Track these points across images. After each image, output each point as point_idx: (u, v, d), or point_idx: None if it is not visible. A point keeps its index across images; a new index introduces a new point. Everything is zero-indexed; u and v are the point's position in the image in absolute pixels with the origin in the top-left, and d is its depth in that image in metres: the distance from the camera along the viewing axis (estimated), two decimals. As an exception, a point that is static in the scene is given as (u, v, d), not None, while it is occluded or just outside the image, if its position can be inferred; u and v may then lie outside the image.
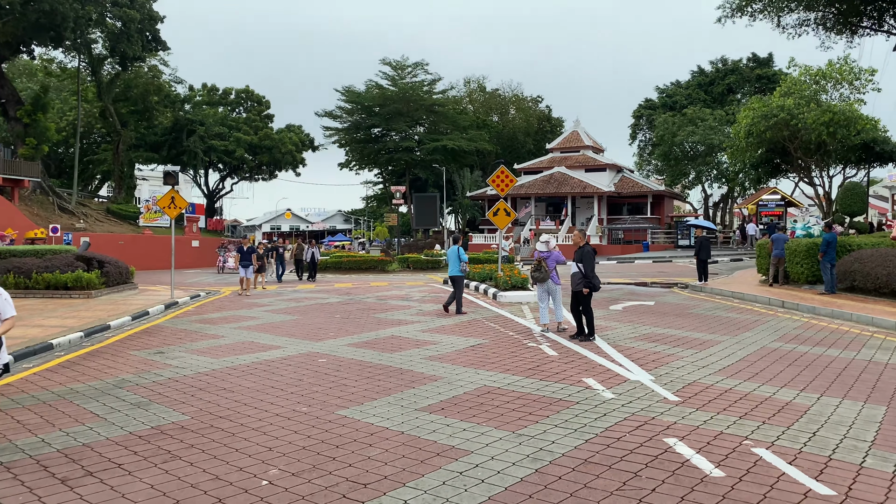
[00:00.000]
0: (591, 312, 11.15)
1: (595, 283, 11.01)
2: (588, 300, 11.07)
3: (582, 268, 10.98)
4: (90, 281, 19.24)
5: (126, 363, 9.69)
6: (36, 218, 40.05)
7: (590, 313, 11.10)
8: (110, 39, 46.01)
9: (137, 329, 13.56)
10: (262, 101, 65.81)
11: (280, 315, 15.54)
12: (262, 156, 61.38)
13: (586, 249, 11.12)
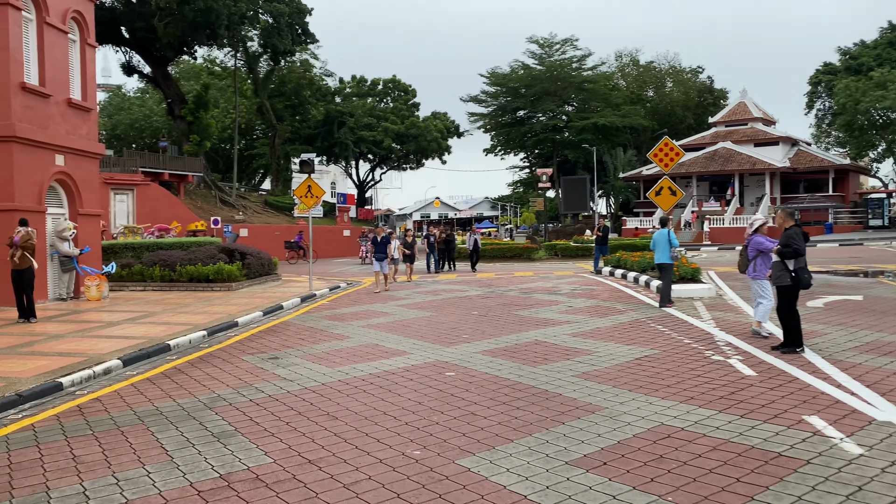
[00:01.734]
0: (797, 315, 8.58)
1: (803, 276, 8.44)
2: (791, 298, 8.53)
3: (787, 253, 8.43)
4: (231, 273, 18.93)
5: (232, 372, 8.52)
6: (199, 211, 41.96)
7: (794, 315, 8.55)
8: (262, 35, 47.38)
9: (264, 326, 12.61)
10: (408, 89, 65.79)
11: (413, 311, 14.09)
12: (408, 145, 61.34)
13: (792, 232, 8.55)
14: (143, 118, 61.85)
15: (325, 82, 61.40)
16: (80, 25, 16.98)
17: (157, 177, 39.85)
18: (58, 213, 16.40)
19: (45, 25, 15.35)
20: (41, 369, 8.42)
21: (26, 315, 12.55)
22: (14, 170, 14.30)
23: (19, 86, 14.44)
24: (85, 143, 17.01)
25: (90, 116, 17.41)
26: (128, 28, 42.78)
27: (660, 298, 13.73)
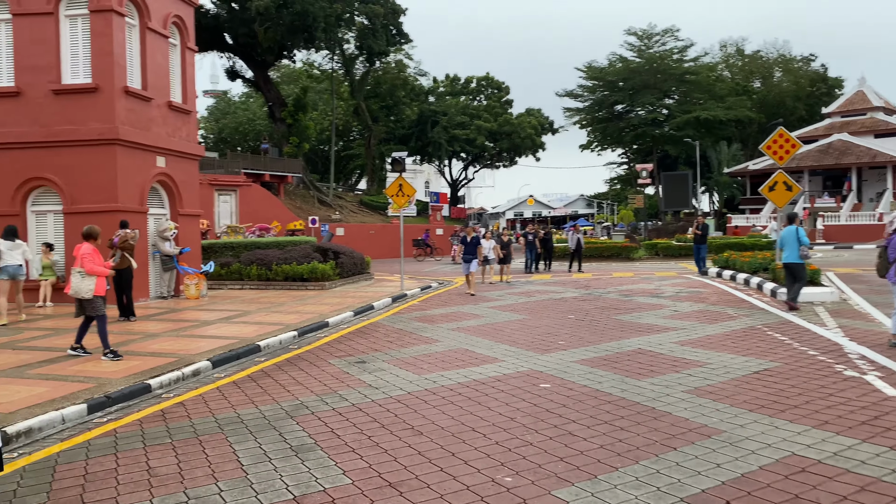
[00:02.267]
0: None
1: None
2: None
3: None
4: (324, 272, 18.97)
5: (317, 377, 8.24)
6: (298, 211, 42.94)
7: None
8: (358, 37, 47.99)
9: (354, 328, 12.38)
10: (501, 86, 65.14)
11: (506, 313, 13.52)
12: (501, 142, 60.69)
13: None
14: (247, 122, 64.21)
15: (418, 82, 61.66)
16: (181, 30, 17.41)
17: (259, 178, 41.03)
18: (159, 213, 16.86)
19: (146, 30, 15.79)
20: (132, 370, 8.42)
21: (126, 314, 12.86)
22: (117, 172, 14.75)
23: (122, 90, 14.88)
24: (185, 144, 17.44)
25: (190, 119, 17.84)
26: (231, 34, 44.28)
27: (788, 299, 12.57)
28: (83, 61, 14.87)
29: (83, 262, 8.96)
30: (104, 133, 14.58)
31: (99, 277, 9.06)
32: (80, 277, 8.95)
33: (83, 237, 9.38)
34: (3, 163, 14.98)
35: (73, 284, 8.98)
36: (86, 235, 9.39)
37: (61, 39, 14.80)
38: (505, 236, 22.30)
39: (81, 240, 14.12)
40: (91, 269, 8.95)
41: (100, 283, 9.09)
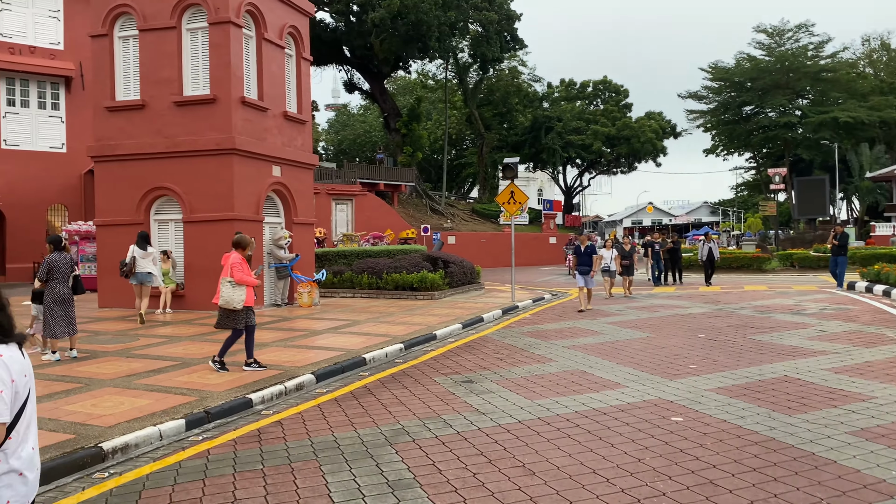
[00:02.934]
0: None
1: None
2: None
3: None
4: (434, 282, 18.57)
5: (421, 397, 7.68)
6: (410, 219, 43.19)
7: None
8: (472, 44, 47.83)
9: (462, 341, 11.80)
10: (619, 90, 63.06)
11: (627, 330, 12.49)
12: (620, 147, 58.62)
13: None
14: (364, 133, 65.71)
15: (532, 88, 60.79)
16: (296, 40, 17.59)
17: (374, 187, 41.61)
18: (274, 222, 17.04)
19: (263, 41, 16.00)
20: (235, 382, 8.21)
21: None
22: (234, 181, 14.97)
23: (239, 100, 15.11)
24: (300, 154, 17.57)
25: (305, 128, 17.98)
26: (349, 47, 45.31)
27: None
28: (203, 73, 15.23)
29: (233, 272, 8.64)
30: (221, 143, 14.84)
31: (248, 288, 8.76)
32: (231, 287, 8.64)
33: (233, 246, 9.06)
34: (130, 173, 15.59)
35: (224, 294, 8.65)
36: (235, 244, 9.03)
37: (183, 52, 15.23)
38: (627, 245, 20.47)
39: (199, 247, 14.40)
40: (241, 278, 8.62)
41: (248, 294, 8.77)
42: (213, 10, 14.86)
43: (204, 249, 15.16)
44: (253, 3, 15.65)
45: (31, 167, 29.46)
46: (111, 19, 15.65)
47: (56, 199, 30.50)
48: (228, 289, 8.67)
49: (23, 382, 2.54)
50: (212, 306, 15.32)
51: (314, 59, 46.08)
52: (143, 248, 13.90)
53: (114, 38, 15.77)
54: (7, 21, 29.13)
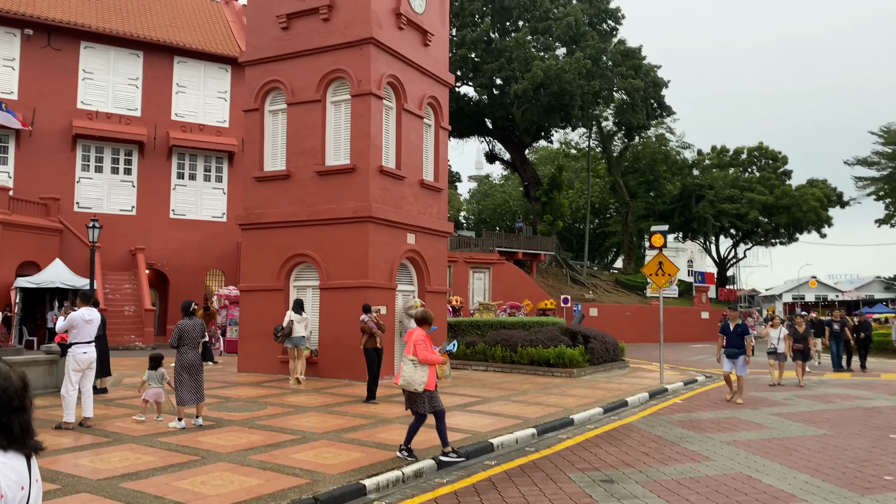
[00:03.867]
0: None
1: None
2: None
3: None
4: (572, 358, 17.40)
5: (552, 497, 6.68)
6: (549, 289, 42.09)
7: None
8: (616, 112, 46.98)
9: (602, 429, 10.61)
10: (777, 156, 59.24)
11: (797, 424, 10.75)
12: (778, 217, 54.57)
13: None
14: (504, 203, 65.95)
15: (681, 156, 58.53)
16: (435, 110, 17.65)
17: (512, 256, 41.11)
18: (407, 290, 16.78)
19: (402, 111, 16.14)
20: (352, 464, 7.62)
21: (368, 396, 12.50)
22: (369, 248, 14.89)
23: (377, 169, 15.17)
24: (435, 221, 17.36)
25: (440, 196, 17.82)
26: (490, 119, 45.97)
27: None
28: (344, 143, 15.51)
29: (417, 350, 8.02)
30: (358, 211, 14.89)
31: (431, 369, 8.16)
32: (413, 367, 8.00)
33: (416, 322, 8.41)
34: (273, 240, 15.99)
35: (405, 374, 7.98)
36: (419, 320, 8.40)
37: (326, 124, 15.64)
38: (801, 325, 17.71)
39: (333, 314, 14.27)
40: (426, 356, 8.00)
41: (431, 376, 8.12)
42: (356, 82, 15.19)
43: (338, 316, 15.10)
44: (394, 76, 15.89)
45: (195, 235, 31.70)
46: (263, 95, 16.45)
47: (215, 265, 32.52)
48: (410, 368, 7.98)
49: (18, 496, 2.02)
50: (344, 374, 15.16)
51: (457, 131, 47.27)
52: (299, 314, 14.34)
53: (264, 113, 16.53)
54: (182, 102, 32.04)
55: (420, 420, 8.15)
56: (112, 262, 29.58)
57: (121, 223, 30.14)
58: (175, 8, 34.59)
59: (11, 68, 28.18)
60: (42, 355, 12.82)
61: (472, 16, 41.07)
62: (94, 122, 29.65)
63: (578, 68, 38.26)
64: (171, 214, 31.60)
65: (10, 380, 2.18)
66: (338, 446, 8.55)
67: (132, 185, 30.93)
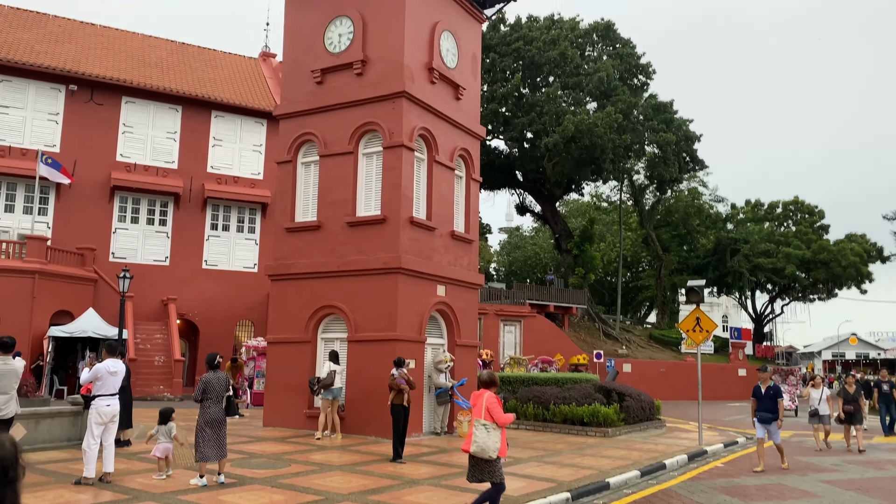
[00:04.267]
0: None
1: None
2: None
3: None
4: (607, 416, 16.80)
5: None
6: (582, 343, 41.31)
7: None
8: (648, 166, 46.79)
9: (640, 494, 10.06)
10: (813, 211, 58.28)
11: (850, 494, 10.07)
12: (816, 272, 53.32)
13: None
14: (534, 255, 65.63)
15: (714, 209, 57.89)
16: (466, 162, 17.62)
17: (543, 309, 40.57)
18: (436, 343, 16.46)
19: (433, 163, 16.12)
20: (376, 529, 7.24)
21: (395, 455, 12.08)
22: (398, 300, 14.68)
23: (408, 220, 15.07)
24: (465, 273, 17.13)
25: (471, 248, 17.63)
26: (521, 171, 46.08)
27: None
28: (375, 194, 15.49)
29: (493, 413, 7.48)
30: (388, 262, 14.74)
31: (503, 432, 7.65)
32: (487, 432, 7.46)
33: (484, 384, 7.79)
34: (302, 291, 15.89)
35: (479, 440, 7.41)
36: (487, 383, 7.83)
37: (358, 175, 15.66)
38: (851, 386, 16.37)
39: (361, 367, 13.99)
40: (503, 418, 7.51)
41: (504, 440, 7.61)
42: (388, 135, 15.24)
43: (366, 370, 14.81)
44: (426, 128, 15.93)
45: (226, 285, 31.87)
46: (296, 147, 16.60)
47: (245, 315, 32.55)
48: (483, 433, 7.44)
49: None
50: (371, 431, 14.76)
51: (487, 183, 47.38)
52: (337, 363, 14.24)
53: (297, 164, 16.65)
54: (218, 155, 32.66)
55: (499, 490, 7.61)
56: (144, 311, 29.78)
57: (154, 273, 30.46)
58: (214, 64, 35.63)
59: (55, 122, 29.08)
60: (67, 406, 12.71)
61: (503, 72, 41.57)
62: (132, 174, 30.30)
63: (610, 122, 38.30)
64: (203, 265, 31.89)
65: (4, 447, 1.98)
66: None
67: (167, 235, 31.37)
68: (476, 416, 7.60)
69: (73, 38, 31.85)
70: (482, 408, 7.57)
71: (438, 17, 16.61)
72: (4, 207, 28.29)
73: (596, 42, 45.58)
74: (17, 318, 24.72)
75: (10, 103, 28.35)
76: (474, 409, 7.69)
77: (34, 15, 32.43)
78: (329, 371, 14.07)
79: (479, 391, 7.82)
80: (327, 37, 16.40)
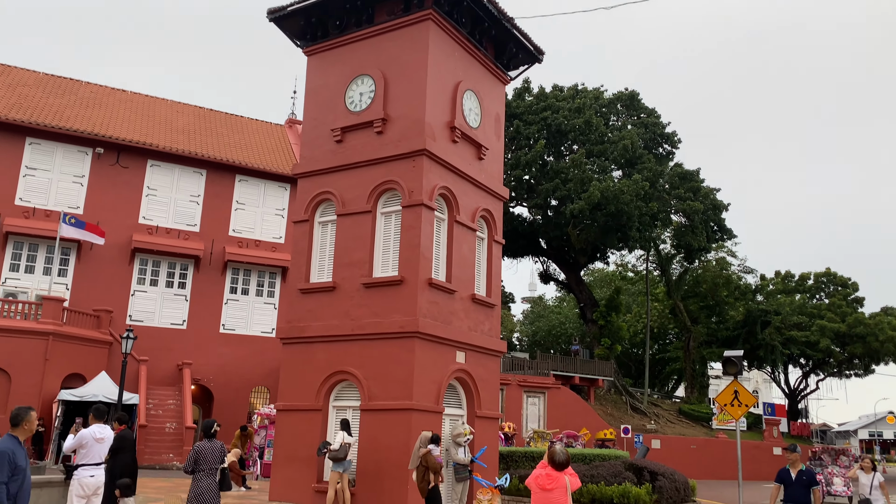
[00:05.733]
0: None
1: None
2: None
3: None
4: (639, 497, 15.53)
5: None
6: (609, 417, 39.70)
7: None
8: (675, 234, 45.98)
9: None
10: (847, 283, 56.62)
11: None
12: (852, 346, 51.32)
13: None
14: (559, 325, 64.29)
15: (743, 280, 56.52)
16: (489, 223, 17.02)
17: (568, 380, 39.24)
18: (455, 414, 15.47)
19: (454, 224, 15.52)
20: None
21: None
22: (415, 366, 13.83)
23: (426, 282, 14.38)
24: (486, 339, 16.27)
25: (493, 313, 16.82)
26: (544, 239, 45.50)
27: None
28: (392, 255, 14.87)
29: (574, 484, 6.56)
30: (405, 326, 13.98)
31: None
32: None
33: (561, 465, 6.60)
34: (314, 356, 15.12)
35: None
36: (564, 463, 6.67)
37: (375, 235, 15.09)
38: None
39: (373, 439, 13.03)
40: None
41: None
42: (408, 193, 14.74)
43: (379, 442, 13.85)
44: (447, 188, 15.42)
45: (242, 350, 31.19)
46: (313, 206, 16.15)
47: (260, 381, 31.70)
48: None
49: None
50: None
51: (510, 251, 46.81)
52: (350, 435, 13.39)
53: (314, 224, 16.16)
54: (240, 219, 32.56)
55: None
56: (159, 376, 29.13)
57: (171, 337, 29.95)
58: (240, 130, 36.03)
59: (80, 184, 29.27)
60: (59, 476, 11.90)
61: (528, 139, 41.58)
62: (154, 236, 30.22)
63: (636, 189, 37.81)
64: (221, 329, 31.35)
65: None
66: None
67: (185, 298, 30.99)
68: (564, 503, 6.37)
69: (103, 104, 32.45)
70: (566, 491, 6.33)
71: (461, 76, 16.33)
72: (25, 268, 28.21)
73: (620, 111, 45.68)
74: (28, 381, 24.20)
75: (38, 165, 28.65)
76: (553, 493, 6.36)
77: (67, 81, 33.23)
78: (342, 443, 13.16)
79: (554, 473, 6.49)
80: (348, 95, 16.16)
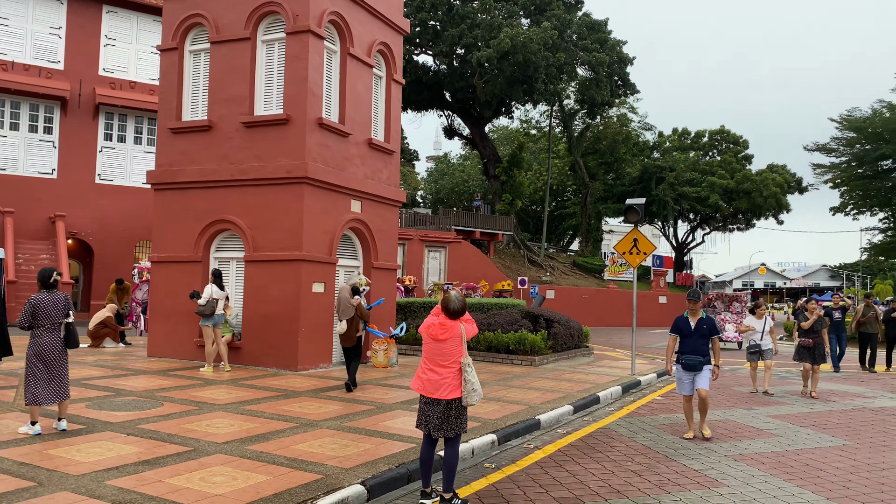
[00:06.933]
0: None
1: None
2: None
3: None
4: (534, 344, 15.55)
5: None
6: (507, 270, 40.39)
7: None
8: (579, 89, 45.26)
9: (575, 435, 8.72)
10: (738, 140, 58.53)
11: (807, 431, 9.04)
12: (738, 202, 53.85)
13: None
14: (462, 182, 63.89)
15: (642, 137, 57.32)
16: (387, 59, 15.43)
17: (469, 235, 39.21)
18: (350, 265, 14.63)
19: (348, 57, 13.88)
20: (256, 494, 5.53)
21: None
22: (304, 215, 12.68)
23: (316, 122, 12.93)
24: (384, 188, 15.20)
25: (392, 160, 15.65)
26: (450, 91, 43.69)
27: None
28: (277, 91, 13.21)
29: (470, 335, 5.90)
30: (292, 170, 12.64)
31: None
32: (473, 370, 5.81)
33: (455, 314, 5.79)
34: (191, 204, 13.65)
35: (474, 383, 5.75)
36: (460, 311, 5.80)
37: (256, 67, 13.29)
38: (814, 312, 13.13)
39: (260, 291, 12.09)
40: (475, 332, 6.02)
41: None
42: (292, 17, 12.87)
43: (266, 294, 12.89)
44: (338, 13, 13.60)
45: (124, 202, 28.83)
46: (182, 31, 13.98)
47: (145, 236, 29.64)
48: (473, 374, 5.76)
49: None
50: (271, 363, 13.00)
51: (414, 103, 44.85)
52: (221, 289, 12.17)
53: (184, 53, 14.07)
54: (111, 56, 29.00)
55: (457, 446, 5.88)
56: (28, 229, 26.61)
57: (40, 186, 27.12)
58: (104, -49, 31.29)
59: None
60: None
61: (433, -21, 38.61)
62: (10, 73, 26.49)
63: (545, 39, 36.25)
64: (96, 179, 28.63)
65: None
66: (240, 464, 6.42)
67: (53, 145, 27.87)
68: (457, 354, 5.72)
69: None
70: (461, 340, 5.74)
71: None
72: None
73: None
74: None
75: None
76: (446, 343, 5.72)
77: None
78: (210, 297, 11.92)
79: (448, 322, 5.80)
80: None
